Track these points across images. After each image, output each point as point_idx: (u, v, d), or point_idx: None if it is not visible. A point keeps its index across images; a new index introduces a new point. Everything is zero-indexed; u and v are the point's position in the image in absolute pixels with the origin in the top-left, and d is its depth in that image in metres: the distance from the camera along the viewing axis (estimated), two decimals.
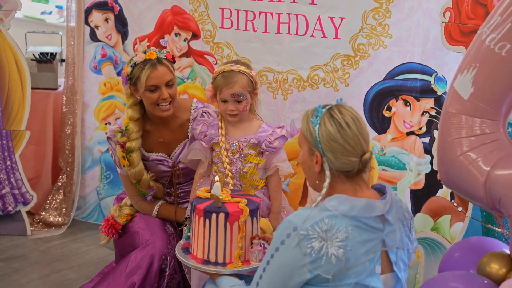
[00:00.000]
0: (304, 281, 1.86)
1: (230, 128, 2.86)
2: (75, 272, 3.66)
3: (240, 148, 2.80)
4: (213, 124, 2.88)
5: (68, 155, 4.21)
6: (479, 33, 2.16)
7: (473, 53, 2.17)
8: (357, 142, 1.93)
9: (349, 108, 1.98)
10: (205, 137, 2.84)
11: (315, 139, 1.94)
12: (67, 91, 4.17)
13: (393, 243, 1.93)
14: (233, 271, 2.25)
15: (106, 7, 3.99)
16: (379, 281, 1.90)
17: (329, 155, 1.93)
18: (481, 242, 2.45)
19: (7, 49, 3.90)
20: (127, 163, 2.96)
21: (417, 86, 3.18)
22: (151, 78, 2.85)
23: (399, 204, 2.02)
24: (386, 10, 3.16)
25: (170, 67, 2.91)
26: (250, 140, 2.81)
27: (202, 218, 2.27)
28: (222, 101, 2.79)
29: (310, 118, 1.98)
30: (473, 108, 2.16)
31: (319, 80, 3.37)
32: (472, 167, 2.14)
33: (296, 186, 3.56)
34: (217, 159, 2.83)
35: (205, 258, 2.29)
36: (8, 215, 4.06)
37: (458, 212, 3.15)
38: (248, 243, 2.29)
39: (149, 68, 2.84)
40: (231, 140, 2.82)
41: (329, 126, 1.93)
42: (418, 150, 3.24)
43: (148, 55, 2.86)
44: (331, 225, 1.84)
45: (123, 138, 2.96)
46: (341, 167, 1.93)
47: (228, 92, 2.75)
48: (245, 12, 3.47)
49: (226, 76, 2.76)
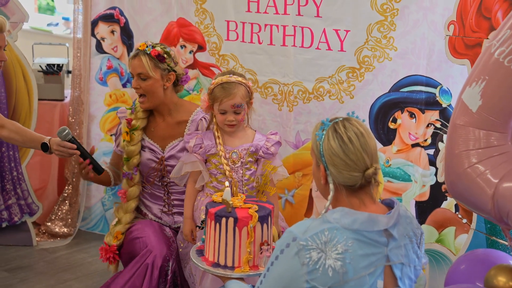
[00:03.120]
0: None
1: (227, 137, 2.88)
2: (81, 282, 3.66)
3: (241, 157, 2.83)
4: (206, 136, 2.89)
5: (74, 166, 4.22)
6: (488, 46, 2.17)
7: (482, 65, 2.18)
8: (359, 158, 1.92)
9: (355, 123, 1.97)
10: (201, 149, 2.85)
11: (320, 153, 1.96)
12: (73, 102, 4.19)
13: (397, 258, 1.92)
14: (240, 275, 2.29)
15: (112, 19, 4.02)
16: None
17: (332, 169, 1.94)
18: (488, 254, 2.45)
19: (14, 61, 3.92)
20: (128, 138, 3.11)
21: (422, 98, 3.20)
22: (129, 66, 3.09)
23: (408, 220, 2.00)
24: (391, 23, 3.18)
25: (146, 62, 3.02)
26: (248, 148, 2.85)
27: (213, 221, 2.32)
28: (220, 112, 2.81)
29: (315, 131, 2.00)
30: (481, 121, 2.17)
31: (325, 92, 3.39)
32: (480, 180, 2.14)
33: (302, 197, 3.58)
34: (215, 170, 2.84)
35: (215, 261, 2.34)
36: (14, 226, 4.07)
37: (462, 224, 3.15)
38: (257, 249, 2.31)
39: (131, 56, 3.09)
40: (230, 150, 2.84)
41: (331, 141, 1.94)
42: (423, 162, 3.25)
43: (139, 45, 3.07)
44: (331, 237, 1.84)
45: (132, 115, 3.13)
46: (343, 182, 1.93)
47: (229, 103, 2.78)
48: (250, 25, 3.49)
49: (226, 87, 2.79)
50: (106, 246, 3.13)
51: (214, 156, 2.84)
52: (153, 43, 3.07)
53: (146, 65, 3.01)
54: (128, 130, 3.12)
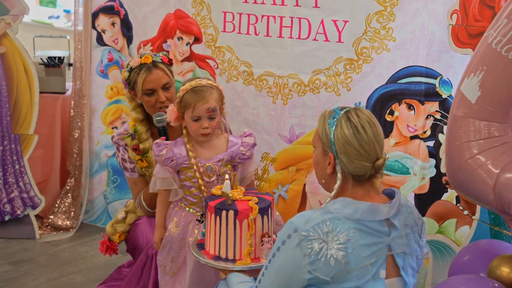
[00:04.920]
0: (304, 281, 1.86)
1: (199, 149, 2.64)
2: (84, 276, 3.68)
3: (216, 170, 2.63)
4: (177, 146, 2.64)
5: (76, 159, 4.24)
6: (486, 36, 2.16)
7: (479, 56, 2.17)
8: (371, 148, 1.92)
9: (366, 113, 1.97)
10: (172, 162, 2.61)
11: (330, 141, 1.94)
12: (75, 95, 4.19)
13: (399, 248, 1.93)
14: (242, 267, 2.28)
15: (112, 11, 4.01)
16: (383, 286, 1.89)
17: (343, 158, 1.92)
18: (491, 245, 2.45)
19: (15, 54, 3.92)
20: (146, 164, 2.94)
21: (421, 90, 3.16)
22: (147, 82, 2.84)
23: (409, 210, 2.01)
24: (390, 13, 3.15)
25: (166, 70, 2.89)
26: (223, 158, 2.64)
27: (214, 215, 2.31)
28: (194, 120, 2.57)
29: (327, 119, 1.97)
30: (480, 112, 2.16)
31: (321, 84, 3.36)
32: (481, 171, 2.14)
33: (295, 193, 3.55)
34: (188, 183, 2.64)
35: (216, 254, 2.34)
36: (17, 219, 4.09)
37: (464, 215, 3.14)
38: (258, 241, 2.31)
39: (144, 72, 2.84)
40: (203, 163, 2.62)
41: (345, 129, 1.92)
42: (422, 154, 3.22)
43: (143, 59, 2.86)
44: (333, 227, 1.84)
45: (134, 141, 2.95)
46: (353, 171, 1.93)
47: (203, 107, 2.54)
48: (247, 16, 3.46)
49: (198, 91, 2.56)
50: (107, 241, 3.09)
51: (186, 169, 2.63)
52: (150, 52, 2.98)
53: (168, 73, 2.89)
54: (141, 157, 2.94)
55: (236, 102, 3.59)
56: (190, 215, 2.66)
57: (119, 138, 2.97)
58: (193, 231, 2.64)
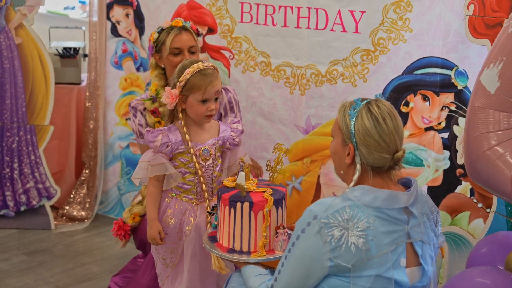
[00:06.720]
0: (325, 269, 1.86)
1: (194, 132, 2.62)
2: (99, 266, 3.71)
3: (212, 153, 2.62)
4: (171, 132, 2.60)
5: (91, 150, 4.25)
6: (506, 26, 2.15)
7: (499, 46, 2.15)
8: (392, 139, 1.91)
9: (387, 104, 1.96)
10: (167, 148, 2.56)
11: (350, 132, 1.93)
12: (90, 86, 4.20)
13: (418, 236, 1.92)
14: (257, 260, 2.26)
15: (126, 2, 4.01)
16: (404, 274, 1.89)
17: (363, 149, 1.92)
18: (509, 237, 2.44)
19: (31, 44, 3.94)
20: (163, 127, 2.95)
21: (437, 81, 3.14)
22: (175, 41, 2.95)
23: (424, 199, 2.01)
24: (407, 4, 3.13)
25: (194, 36, 3.01)
26: (217, 142, 2.64)
27: (228, 207, 2.29)
28: (201, 102, 2.54)
29: (347, 110, 1.96)
30: (500, 102, 2.15)
31: (338, 75, 3.35)
32: (500, 162, 2.13)
33: (309, 184, 3.53)
34: (183, 169, 2.60)
35: (230, 247, 2.32)
36: (32, 209, 4.12)
37: (477, 208, 3.12)
38: (273, 233, 2.30)
39: (174, 32, 2.97)
40: (199, 146, 2.60)
41: (366, 120, 1.92)
42: (436, 146, 3.20)
43: (174, 23, 3.00)
44: (353, 214, 1.84)
45: (155, 104, 3.01)
46: (373, 163, 1.92)
47: (213, 90, 2.54)
48: (265, 6, 3.46)
49: (208, 73, 2.54)
50: (121, 222, 3.10)
51: (181, 154, 2.60)
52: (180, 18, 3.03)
53: (195, 39, 3.01)
54: (160, 119, 2.99)
55: (251, 93, 3.59)
56: (184, 203, 2.62)
57: (138, 102, 3.04)
58: (189, 220, 2.61)
